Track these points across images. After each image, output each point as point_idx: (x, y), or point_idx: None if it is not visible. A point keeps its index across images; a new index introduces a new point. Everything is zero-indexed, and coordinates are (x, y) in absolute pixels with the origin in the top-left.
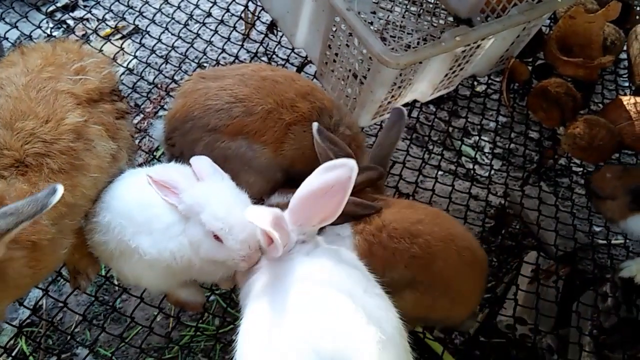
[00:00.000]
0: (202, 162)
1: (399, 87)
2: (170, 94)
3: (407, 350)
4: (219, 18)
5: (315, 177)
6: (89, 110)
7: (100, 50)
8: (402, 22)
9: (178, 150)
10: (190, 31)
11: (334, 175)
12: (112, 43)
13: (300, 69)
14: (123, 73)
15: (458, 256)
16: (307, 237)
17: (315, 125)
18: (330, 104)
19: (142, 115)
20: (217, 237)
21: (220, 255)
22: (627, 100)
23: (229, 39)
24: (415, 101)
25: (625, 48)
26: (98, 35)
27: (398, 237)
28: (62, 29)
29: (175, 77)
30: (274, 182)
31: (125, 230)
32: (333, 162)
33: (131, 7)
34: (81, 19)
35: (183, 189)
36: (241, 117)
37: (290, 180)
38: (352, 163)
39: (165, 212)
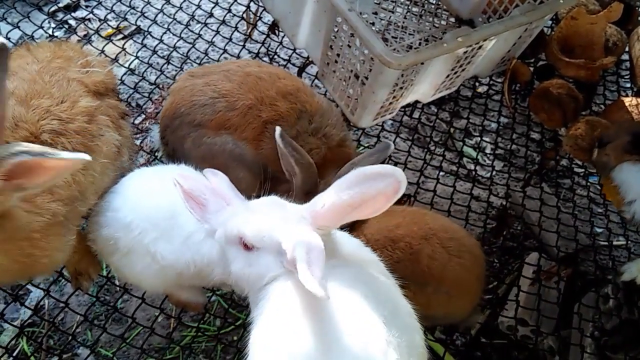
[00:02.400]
0: (221, 183)
1: (401, 87)
2: None
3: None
4: (221, 18)
5: (354, 186)
6: (97, 100)
7: (102, 51)
8: (403, 22)
9: (170, 148)
10: (192, 32)
11: (378, 187)
12: (113, 43)
13: (301, 69)
14: (125, 73)
15: (443, 249)
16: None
17: (277, 129)
18: (314, 108)
19: (143, 116)
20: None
21: None
22: (629, 102)
23: (230, 39)
24: (416, 102)
25: (627, 49)
26: (100, 35)
27: (380, 247)
28: (64, 29)
29: (177, 78)
30: (260, 177)
31: (147, 234)
32: (377, 170)
33: (133, 8)
34: (83, 19)
35: (213, 211)
36: (224, 112)
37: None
38: (399, 174)
39: (187, 222)
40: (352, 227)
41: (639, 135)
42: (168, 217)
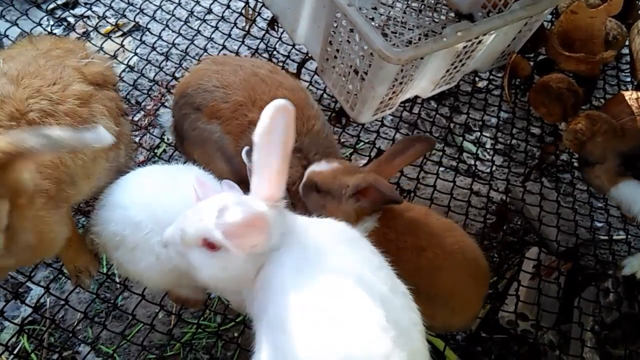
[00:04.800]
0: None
1: (400, 83)
2: (171, 91)
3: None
4: (220, 15)
5: (254, 148)
6: (95, 90)
7: (101, 48)
8: (403, 17)
9: (175, 121)
10: (191, 28)
11: (271, 123)
12: (112, 40)
13: (301, 65)
14: (124, 70)
15: (463, 268)
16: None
17: (245, 148)
18: (305, 129)
19: (142, 113)
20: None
21: None
22: (629, 96)
23: (229, 35)
24: (416, 97)
25: (627, 43)
26: (98, 32)
27: (405, 248)
28: (63, 26)
29: (176, 74)
30: (238, 174)
31: (154, 235)
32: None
33: (131, 4)
34: (81, 17)
35: None
36: (218, 102)
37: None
38: (281, 102)
39: None
40: (384, 218)
41: (628, 156)
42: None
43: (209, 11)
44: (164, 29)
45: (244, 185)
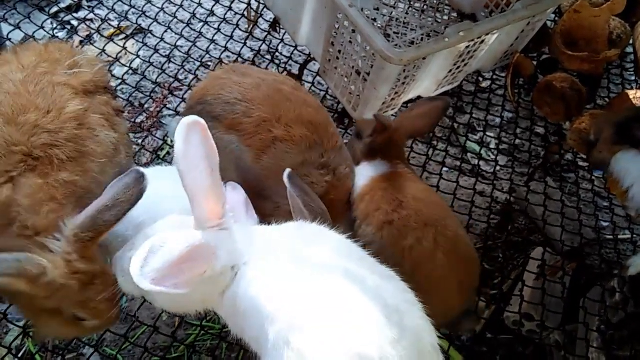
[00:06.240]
0: (237, 198)
1: (403, 83)
2: (174, 93)
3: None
4: (222, 16)
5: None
6: (87, 100)
7: (104, 50)
8: (405, 18)
9: None
10: (194, 30)
11: (186, 144)
12: (115, 43)
13: (303, 66)
14: (126, 73)
15: (455, 256)
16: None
17: (287, 170)
18: (331, 145)
19: (145, 115)
20: None
21: None
22: (634, 95)
23: (232, 37)
24: (419, 97)
25: (631, 42)
26: (102, 35)
27: (408, 224)
28: (66, 29)
29: (179, 76)
30: (251, 187)
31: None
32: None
33: (134, 7)
34: (84, 20)
35: None
36: (240, 116)
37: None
38: (190, 120)
39: None
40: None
41: (620, 125)
42: (178, 224)
43: (211, 13)
44: (166, 31)
45: (254, 194)
